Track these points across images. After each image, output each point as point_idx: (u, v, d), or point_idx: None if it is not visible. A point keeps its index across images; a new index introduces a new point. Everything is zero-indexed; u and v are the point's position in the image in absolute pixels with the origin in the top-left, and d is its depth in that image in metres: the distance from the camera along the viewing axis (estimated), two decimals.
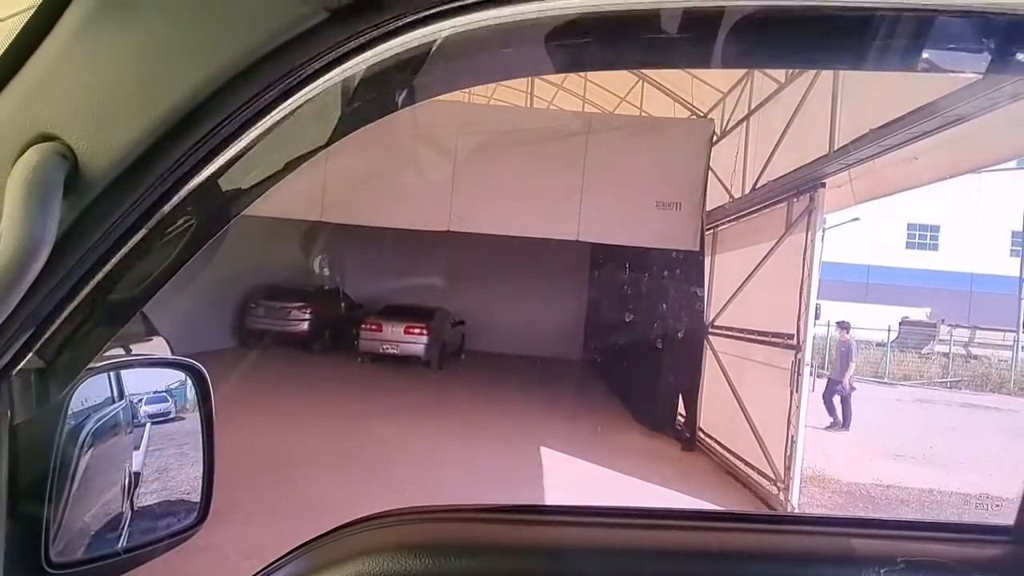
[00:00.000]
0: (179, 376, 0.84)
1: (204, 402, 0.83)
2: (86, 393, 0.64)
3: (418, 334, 12.20)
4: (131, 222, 0.46)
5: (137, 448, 0.79)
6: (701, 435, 7.94)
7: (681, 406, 8.31)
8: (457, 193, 7.97)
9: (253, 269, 12.08)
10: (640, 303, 10.40)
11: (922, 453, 8.49)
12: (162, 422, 0.83)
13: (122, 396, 0.75)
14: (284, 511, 4.47)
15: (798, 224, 6.19)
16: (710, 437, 7.76)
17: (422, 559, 0.65)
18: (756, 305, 6.97)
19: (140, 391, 0.79)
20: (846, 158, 5.32)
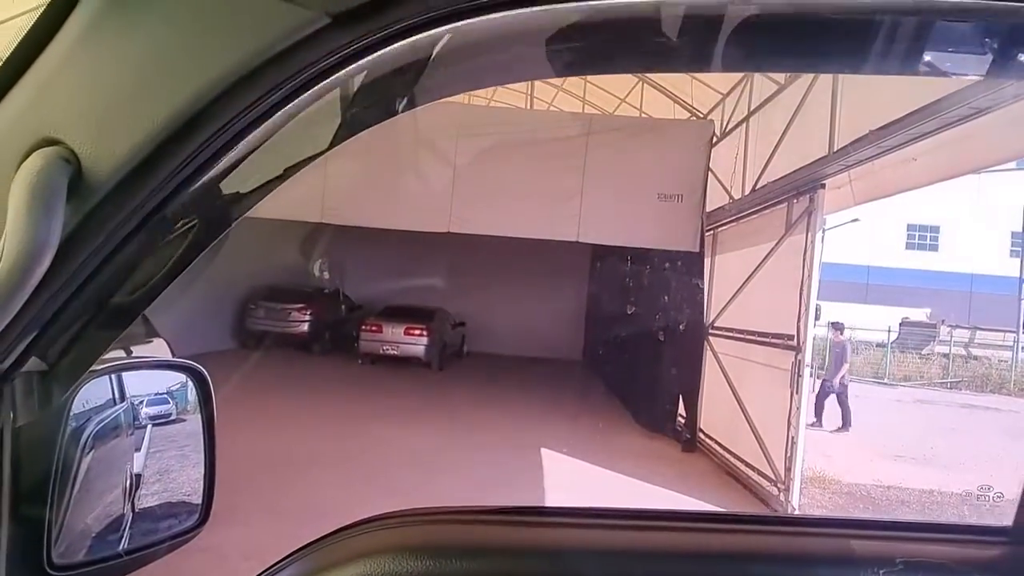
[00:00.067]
0: (180, 378, 0.84)
1: (205, 404, 0.83)
2: (88, 395, 0.64)
3: (418, 335, 12.18)
4: (134, 226, 0.46)
5: (138, 450, 0.79)
6: (701, 436, 7.93)
7: (681, 407, 8.31)
8: (457, 195, 7.97)
9: (253, 270, 12.08)
10: (640, 304, 10.40)
11: (922, 454, 8.48)
12: (163, 424, 0.83)
13: (123, 398, 0.75)
14: (284, 513, 4.46)
15: (798, 225, 6.19)
16: (710, 438, 7.76)
17: (423, 561, 0.65)
18: (756, 306, 6.97)
19: (141, 393, 0.79)
20: (846, 159, 5.33)
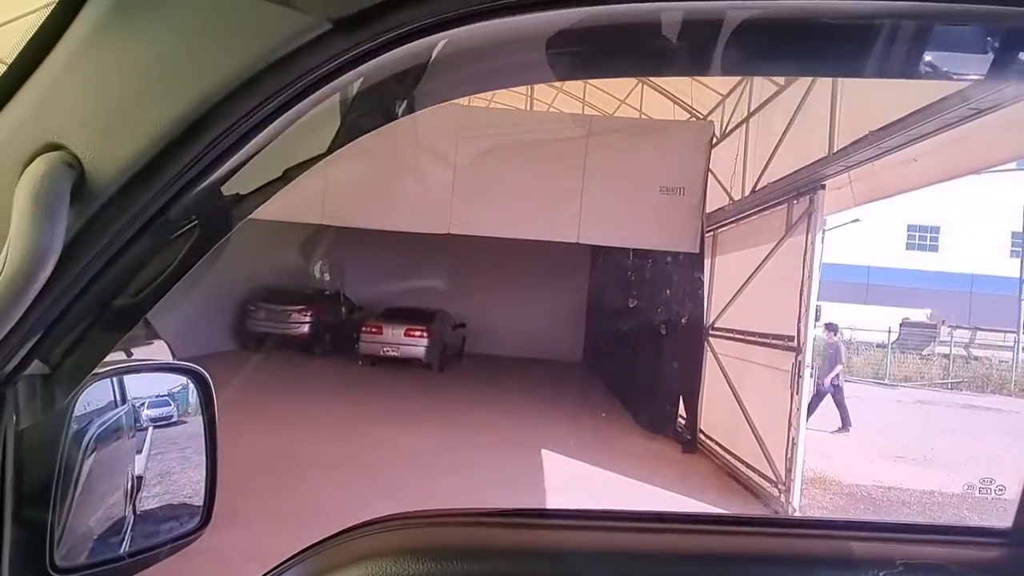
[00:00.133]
0: (181, 380, 0.84)
1: (207, 406, 0.83)
2: (90, 397, 0.64)
3: (418, 337, 12.18)
4: (136, 229, 0.46)
5: (140, 452, 0.78)
6: (702, 437, 7.93)
7: (682, 408, 8.30)
8: (457, 196, 7.97)
9: (253, 272, 12.07)
10: (640, 305, 10.40)
11: (923, 455, 8.48)
12: (164, 426, 0.83)
13: (125, 400, 0.75)
14: (285, 515, 4.46)
15: (798, 226, 6.20)
16: (711, 439, 7.75)
17: (424, 563, 0.65)
18: (756, 307, 6.97)
19: (142, 395, 0.79)
20: (846, 160, 5.33)
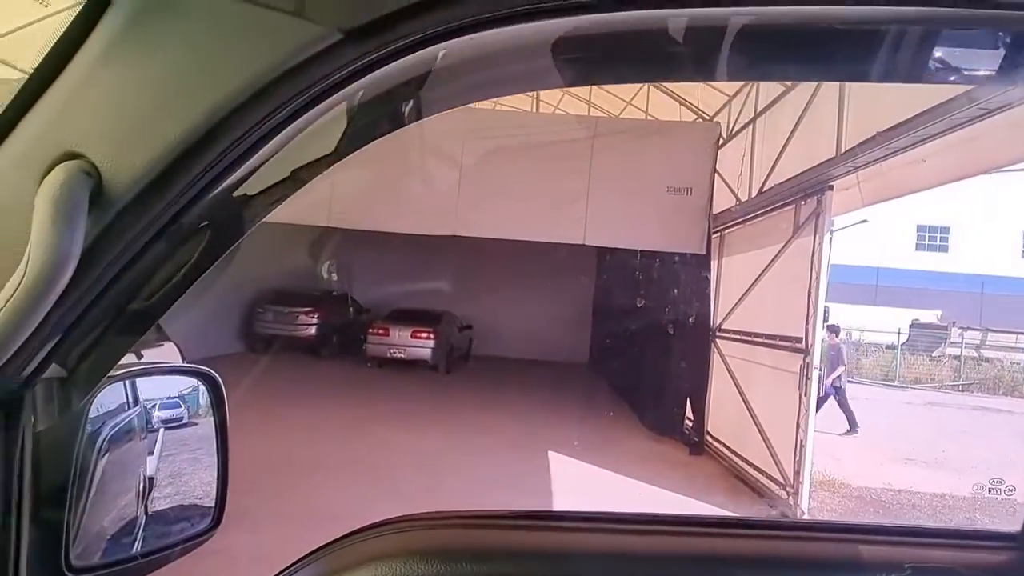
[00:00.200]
0: (192, 382, 0.85)
1: (218, 408, 0.84)
2: (103, 400, 0.65)
3: (425, 338, 12.20)
4: (151, 235, 0.47)
5: (151, 453, 0.79)
6: (709, 439, 7.90)
7: (689, 410, 8.28)
8: (463, 198, 7.99)
9: (261, 274, 12.13)
10: (646, 306, 10.37)
11: (933, 457, 8.40)
12: (175, 428, 0.83)
13: (137, 402, 0.76)
14: (292, 517, 4.48)
15: (806, 227, 6.16)
16: (718, 441, 7.72)
17: (433, 564, 0.66)
18: (763, 308, 6.93)
19: (153, 397, 0.80)
20: (854, 160, 5.30)
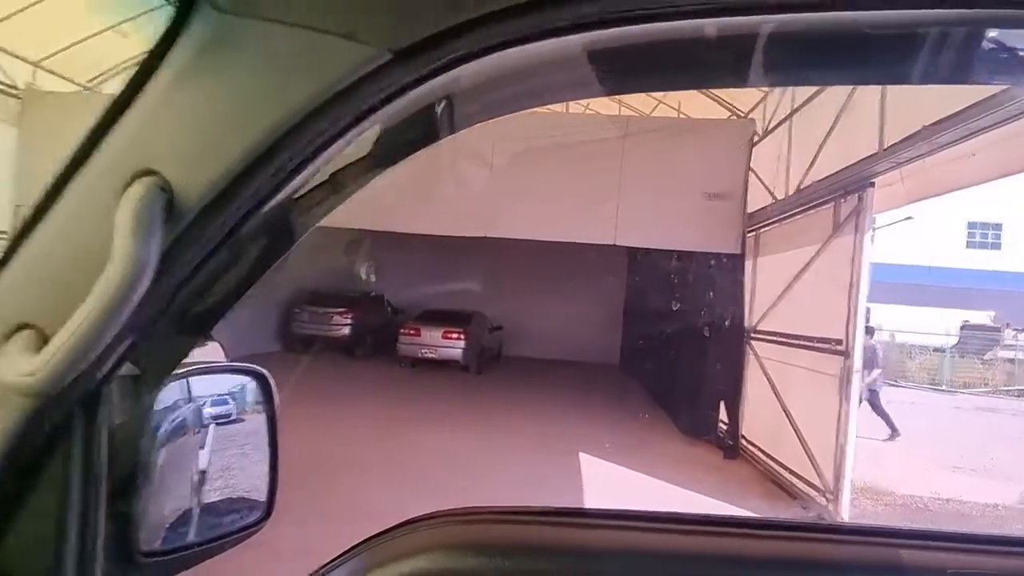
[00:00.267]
0: (240, 380, 0.90)
1: (268, 405, 0.88)
2: (163, 397, 0.70)
3: (456, 339, 12.31)
4: (215, 244, 0.52)
5: (203, 448, 0.84)
6: (744, 443, 7.73)
7: (723, 413, 8.12)
8: (494, 199, 8.03)
9: (297, 275, 12.46)
10: (679, 307, 10.22)
11: (983, 464, 8.03)
12: (224, 423, 0.88)
13: (190, 399, 0.81)
14: (333, 512, 4.59)
15: (846, 225, 5.97)
16: (753, 445, 7.55)
17: (467, 558, 0.70)
18: (801, 309, 6.75)
19: (204, 394, 0.85)
20: (897, 156, 5.11)
